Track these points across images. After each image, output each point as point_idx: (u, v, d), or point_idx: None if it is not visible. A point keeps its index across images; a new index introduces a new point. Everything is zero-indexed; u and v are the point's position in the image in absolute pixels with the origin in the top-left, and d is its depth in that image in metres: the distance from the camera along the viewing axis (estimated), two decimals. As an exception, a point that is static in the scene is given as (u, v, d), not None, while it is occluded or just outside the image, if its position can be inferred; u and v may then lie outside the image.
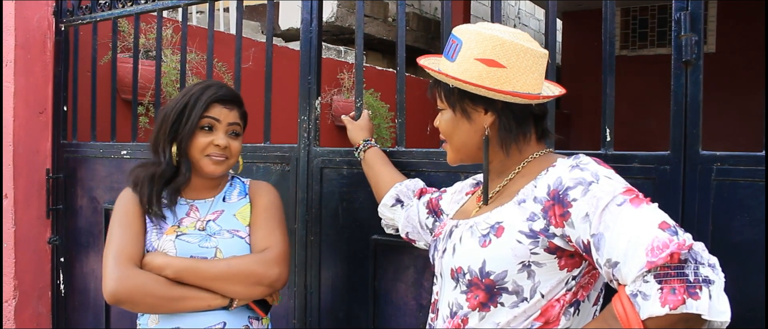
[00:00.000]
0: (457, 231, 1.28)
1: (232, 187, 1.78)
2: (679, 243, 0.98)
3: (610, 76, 1.52)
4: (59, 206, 2.94)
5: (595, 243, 1.06)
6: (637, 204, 1.05)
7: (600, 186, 1.09)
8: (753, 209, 1.33)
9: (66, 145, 2.92)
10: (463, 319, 1.22)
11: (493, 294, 1.18)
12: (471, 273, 1.20)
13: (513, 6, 9.69)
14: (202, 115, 1.62)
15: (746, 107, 5.67)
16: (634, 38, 8.01)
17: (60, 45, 2.94)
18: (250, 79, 3.04)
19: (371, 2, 6.98)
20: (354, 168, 1.95)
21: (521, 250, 1.15)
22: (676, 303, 0.94)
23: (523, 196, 1.19)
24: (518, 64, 1.20)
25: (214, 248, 1.64)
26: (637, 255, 0.99)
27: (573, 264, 1.16)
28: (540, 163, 1.25)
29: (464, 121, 1.27)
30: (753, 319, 1.33)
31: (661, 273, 0.97)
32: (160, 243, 1.64)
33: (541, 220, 1.14)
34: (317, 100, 2.06)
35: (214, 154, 1.64)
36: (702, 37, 1.41)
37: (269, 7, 2.22)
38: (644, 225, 1.01)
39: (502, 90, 1.19)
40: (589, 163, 1.14)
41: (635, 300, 0.99)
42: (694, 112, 1.40)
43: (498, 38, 1.20)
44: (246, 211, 1.73)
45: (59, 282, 2.97)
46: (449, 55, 1.25)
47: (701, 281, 0.96)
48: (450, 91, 1.26)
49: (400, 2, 1.90)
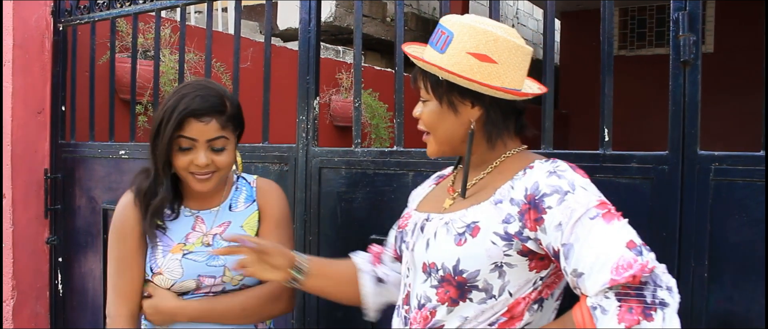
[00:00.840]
0: (430, 226, 1.28)
1: (238, 192, 1.68)
2: (642, 265, 1.03)
3: (608, 75, 1.52)
4: (57, 206, 2.94)
5: (565, 252, 1.10)
6: (609, 220, 1.09)
7: (575, 196, 1.12)
8: (751, 209, 1.33)
9: (64, 145, 2.92)
10: (431, 312, 1.24)
11: (463, 291, 1.20)
12: (444, 270, 1.21)
13: (511, 6, 9.69)
14: (175, 135, 1.47)
15: (745, 107, 5.68)
16: (633, 38, 8.02)
17: (58, 45, 2.94)
18: (249, 78, 3.04)
19: (370, 2, 6.98)
20: (353, 169, 1.95)
21: (495, 251, 1.17)
22: (631, 322, 1.00)
23: (500, 197, 1.21)
24: (509, 61, 1.21)
25: (222, 266, 1.56)
26: (603, 272, 1.04)
27: (542, 266, 1.20)
28: (516, 162, 1.27)
29: (450, 113, 1.26)
30: (752, 319, 1.34)
31: (621, 292, 1.03)
32: (165, 262, 1.56)
33: (516, 223, 1.17)
34: (316, 99, 2.06)
35: (197, 173, 1.52)
36: (700, 37, 1.41)
37: (267, 7, 2.21)
38: (612, 243, 1.06)
39: (493, 85, 1.20)
40: (566, 170, 1.17)
41: (594, 312, 1.04)
42: (693, 112, 1.40)
43: (492, 34, 1.21)
44: (254, 220, 1.65)
45: (57, 282, 2.96)
46: (439, 47, 1.23)
47: (657, 303, 1.01)
48: (438, 83, 1.25)
49: (399, 2, 1.90)
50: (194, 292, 1.58)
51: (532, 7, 10.30)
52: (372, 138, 4.78)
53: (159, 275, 1.57)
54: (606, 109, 1.52)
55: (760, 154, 1.32)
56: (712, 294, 1.37)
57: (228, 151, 1.55)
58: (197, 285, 1.56)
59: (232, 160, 1.58)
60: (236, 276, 1.57)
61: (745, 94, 5.92)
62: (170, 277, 1.56)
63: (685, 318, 1.39)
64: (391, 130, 4.65)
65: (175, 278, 1.56)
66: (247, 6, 6.42)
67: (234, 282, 1.57)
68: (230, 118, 1.54)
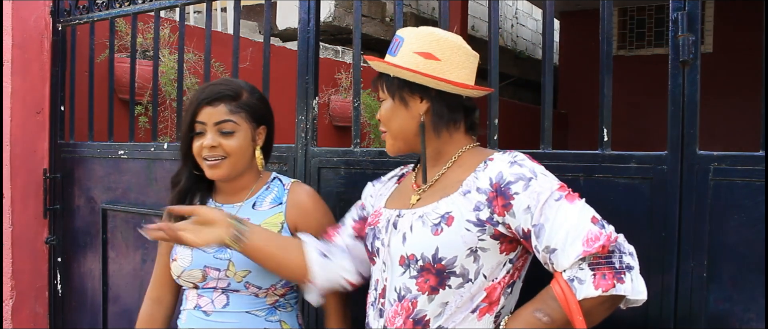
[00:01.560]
0: (403, 221, 1.36)
1: (268, 192, 1.68)
2: (607, 236, 1.17)
3: (607, 75, 1.52)
4: (56, 206, 2.94)
5: (536, 232, 1.21)
6: (572, 200, 1.22)
7: (538, 182, 1.24)
8: (750, 209, 1.33)
9: (63, 145, 2.92)
10: (412, 302, 1.31)
11: (442, 278, 1.29)
12: (424, 260, 1.29)
13: (510, 6, 9.70)
14: (192, 120, 1.58)
15: (744, 107, 5.68)
16: (632, 38, 8.03)
17: (57, 45, 2.94)
18: (248, 78, 3.03)
19: (369, 2, 6.99)
20: (351, 169, 1.95)
21: (470, 237, 1.26)
22: (607, 287, 1.15)
23: (467, 187, 1.31)
24: (452, 59, 1.35)
25: (227, 260, 1.59)
26: (575, 245, 1.17)
27: (511, 249, 1.30)
28: (474, 156, 1.38)
29: (402, 108, 1.38)
30: (751, 319, 1.34)
31: (593, 262, 1.17)
32: (180, 250, 1.64)
33: (486, 210, 1.27)
34: (315, 99, 2.06)
35: (207, 157, 1.58)
36: (699, 37, 1.41)
37: (266, 7, 2.21)
38: (579, 220, 1.19)
39: (435, 76, 1.32)
40: (524, 160, 1.28)
41: (572, 284, 1.17)
42: (692, 111, 1.40)
43: (435, 34, 1.36)
44: (275, 221, 1.64)
45: (56, 283, 2.96)
46: (392, 51, 1.38)
47: (625, 268, 1.16)
48: (391, 81, 1.38)
49: (398, 2, 1.90)
50: (203, 284, 1.62)
51: (531, 7, 10.30)
52: (371, 138, 4.78)
53: (174, 261, 1.65)
54: (605, 109, 1.53)
55: (759, 154, 1.33)
56: (711, 294, 1.38)
57: (238, 136, 1.58)
58: (203, 276, 1.61)
59: (244, 148, 1.60)
60: (239, 272, 1.58)
61: (744, 93, 5.94)
62: (181, 264, 1.62)
63: (684, 318, 1.40)
64: (391, 129, 4.64)
65: (185, 266, 1.62)
66: (247, 6, 6.42)
67: (237, 279, 1.59)
68: (243, 105, 1.59)
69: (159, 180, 2.52)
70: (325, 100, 5.02)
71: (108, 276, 2.73)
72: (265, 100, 1.68)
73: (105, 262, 2.73)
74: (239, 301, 1.61)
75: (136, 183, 2.60)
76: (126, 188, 2.65)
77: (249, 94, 1.62)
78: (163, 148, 2.49)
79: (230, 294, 1.61)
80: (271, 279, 1.60)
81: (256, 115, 1.62)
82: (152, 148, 2.52)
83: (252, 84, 1.67)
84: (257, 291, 1.61)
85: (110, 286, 2.73)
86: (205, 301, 1.63)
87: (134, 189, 2.61)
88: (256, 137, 1.64)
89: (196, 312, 1.64)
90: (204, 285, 1.62)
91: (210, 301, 1.62)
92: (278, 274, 1.55)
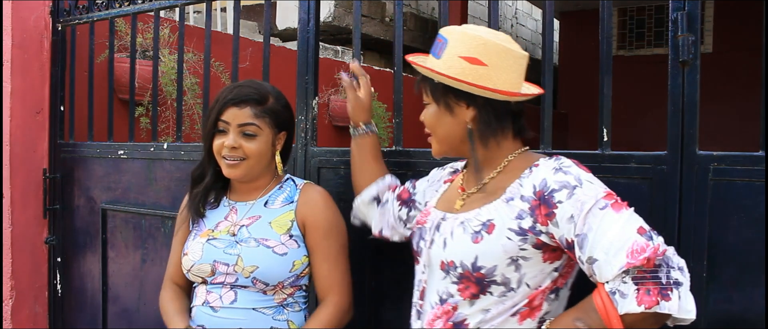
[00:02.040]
0: (446, 225, 1.34)
1: (281, 191, 1.72)
2: (654, 249, 1.10)
3: (607, 76, 1.52)
4: (56, 206, 2.94)
5: (579, 242, 1.17)
6: (618, 209, 1.16)
7: (583, 190, 1.19)
8: (750, 209, 1.33)
9: (63, 145, 2.92)
10: (454, 306, 1.30)
11: (483, 286, 1.26)
12: (463, 267, 1.27)
13: (510, 6, 9.70)
14: (216, 118, 1.62)
15: (743, 107, 5.68)
16: (632, 38, 8.03)
17: (57, 45, 2.94)
18: (248, 78, 3.03)
19: (368, 2, 6.98)
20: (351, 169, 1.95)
21: (511, 246, 1.23)
22: (650, 304, 1.08)
23: (510, 195, 1.27)
24: (499, 63, 1.28)
25: (236, 256, 1.61)
26: (618, 256, 1.11)
27: (555, 257, 1.26)
28: (522, 162, 1.33)
29: (447, 114, 1.34)
30: (751, 319, 1.34)
31: (637, 276, 1.10)
32: (191, 245, 1.68)
33: (528, 218, 1.23)
34: (314, 99, 2.06)
35: (227, 156, 1.62)
36: (699, 37, 1.41)
37: (266, 7, 2.21)
38: (624, 230, 1.13)
39: (482, 85, 1.27)
40: (570, 166, 1.24)
41: (614, 297, 1.12)
42: (691, 112, 1.40)
43: (481, 38, 1.28)
44: (285, 219, 1.67)
45: (56, 283, 2.96)
46: (436, 53, 1.32)
47: (672, 283, 1.09)
48: (435, 86, 1.34)
49: (398, 2, 1.90)
50: (212, 280, 1.63)
51: (531, 7, 10.30)
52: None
53: (185, 256, 1.68)
54: (605, 109, 1.53)
55: (759, 153, 1.33)
56: (711, 294, 1.38)
57: (260, 140, 1.62)
58: (212, 270, 1.63)
59: (264, 152, 1.64)
60: (247, 268, 1.59)
61: (744, 93, 5.94)
62: (192, 258, 1.65)
63: (683, 318, 1.39)
64: (390, 129, 4.65)
65: (195, 260, 1.65)
66: (246, 6, 6.41)
67: (245, 274, 1.60)
68: (268, 111, 1.63)
69: (159, 180, 2.52)
70: (325, 100, 5.01)
71: (107, 276, 2.73)
72: (290, 107, 1.72)
73: (105, 262, 2.73)
74: (247, 298, 1.62)
75: (135, 183, 2.60)
76: (126, 188, 2.65)
77: (275, 100, 1.66)
78: (163, 148, 2.49)
79: (238, 291, 1.62)
80: (279, 276, 1.61)
81: (278, 120, 1.66)
82: (152, 148, 2.52)
83: (279, 89, 1.70)
84: (265, 287, 1.61)
85: (110, 286, 2.73)
86: (213, 297, 1.64)
87: (134, 189, 2.61)
88: (275, 142, 1.68)
89: (205, 308, 1.64)
90: (213, 281, 1.64)
91: (218, 297, 1.63)
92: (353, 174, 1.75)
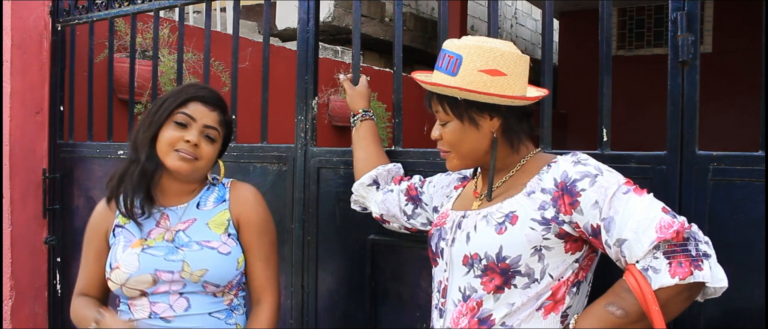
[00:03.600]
0: (468, 221, 1.37)
1: (209, 192, 1.67)
2: (681, 223, 1.15)
3: (606, 76, 1.52)
4: (56, 206, 2.93)
5: (606, 225, 1.20)
6: (640, 193, 1.21)
7: (604, 177, 1.23)
8: (750, 209, 1.33)
9: (62, 145, 2.92)
10: (478, 302, 1.32)
11: (507, 278, 1.28)
12: (488, 259, 1.29)
13: (510, 6, 9.70)
14: (176, 109, 1.54)
15: (743, 107, 5.69)
16: (631, 38, 8.03)
17: (57, 45, 2.93)
18: (247, 78, 3.04)
19: (368, 2, 6.98)
20: (351, 169, 1.94)
21: (534, 236, 1.26)
22: (684, 275, 1.11)
23: (531, 188, 1.31)
24: (516, 71, 1.32)
25: (180, 262, 1.54)
26: (648, 232, 1.15)
27: (576, 248, 1.29)
28: (538, 161, 1.37)
29: (472, 129, 1.35)
30: (752, 319, 1.34)
31: (668, 250, 1.14)
32: (123, 257, 1.56)
33: (551, 208, 1.26)
34: (314, 100, 2.06)
35: (182, 150, 1.53)
36: (699, 37, 1.41)
37: (266, 7, 2.21)
38: (649, 209, 1.18)
39: (506, 95, 1.30)
40: (588, 159, 1.28)
41: (647, 273, 1.15)
42: (691, 112, 1.41)
43: (498, 50, 1.31)
44: (221, 219, 1.63)
45: (56, 282, 2.96)
46: (449, 70, 1.32)
47: (702, 255, 1.13)
48: (456, 103, 1.33)
49: (397, 2, 1.90)
50: (153, 290, 1.55)
51: (531, 7, 10.30)
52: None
53: (116, 270, 1.56)
54: (604, 109, 1.53)
55: (759, 153, 1.33)
56: (710, 294, 1.37)
57: (215, 147, 1.61)
58: (154, 280, 1.54)
59: (213, 159, 1.62)
60: (196, 272, 1.54)
61: (744, 93, 5.94)
62: (126, 271, 1.55)
63: (684, 318, 1.40)
64: (390, 130, 4.65)
65: (131, 272, 1.54)
66: (246, 6, 6.41)
67: (194, 279, 1.54)
68: (225, 123, 1.64)
69: (158, 180, 2.52)
70: (325, 100, 5.01)
71: (107, 276, 2.72)
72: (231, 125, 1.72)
73: (104, 262, 2.72)
74: (200, 303, 1.57)
75: (135, 183, 2.60)
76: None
77: (228, 112, 1.68)
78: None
79: (190, 297, 1.56)
80: (228, 276, 1.57)
81: (227, 132, 1.66)
82: (151, 147, 2.52)
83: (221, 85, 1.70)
84: (215, 290, 1.57)
85: (109, 286, 2.73)
86: (161, 308, 1.55)
87: (133, 189, 2.61)
88: (220, 152, 1.68)
89: (153, 320, 1.56)
90: (154, 291, 1.55)
91: (168, 306, 1.55)
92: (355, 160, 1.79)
